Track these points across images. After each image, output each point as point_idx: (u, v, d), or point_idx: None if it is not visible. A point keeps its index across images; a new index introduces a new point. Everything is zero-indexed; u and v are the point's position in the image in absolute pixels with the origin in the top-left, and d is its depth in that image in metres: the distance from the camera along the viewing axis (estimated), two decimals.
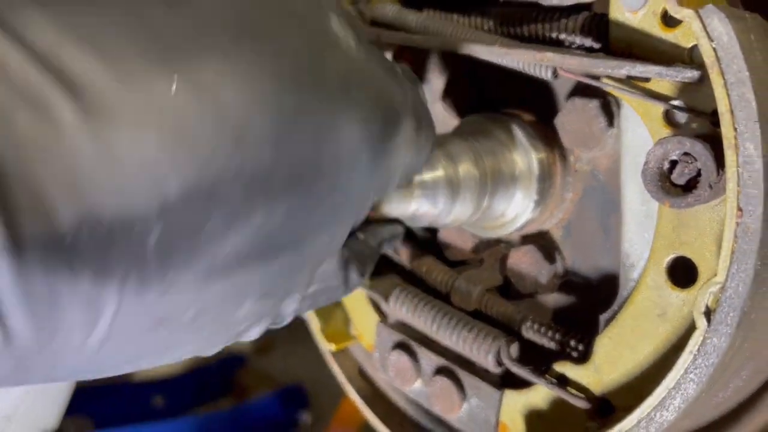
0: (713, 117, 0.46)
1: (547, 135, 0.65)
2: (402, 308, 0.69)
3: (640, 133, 0.52)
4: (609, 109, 0.58)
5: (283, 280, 0.45)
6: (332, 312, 0.80)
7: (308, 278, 0.48)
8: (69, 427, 1.49)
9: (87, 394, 1.45)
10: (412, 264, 0.75)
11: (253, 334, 0.47)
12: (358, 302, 0.76)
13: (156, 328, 0.38)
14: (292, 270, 0.45)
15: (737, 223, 0.43)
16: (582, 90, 0.61)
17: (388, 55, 0.75)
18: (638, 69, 0.49)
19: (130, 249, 0.33)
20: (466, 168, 0.60)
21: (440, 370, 0.66)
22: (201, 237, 0.36)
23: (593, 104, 0.58)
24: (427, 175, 0.57)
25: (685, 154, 0.45)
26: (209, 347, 0.46)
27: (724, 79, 0.43)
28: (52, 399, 1.29)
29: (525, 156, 0.64)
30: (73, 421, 1.49)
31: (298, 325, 0.76)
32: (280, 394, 1.69)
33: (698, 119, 0.48)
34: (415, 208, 0.56)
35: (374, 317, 0.75)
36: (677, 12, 0.46)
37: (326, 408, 1.61)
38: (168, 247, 0.34)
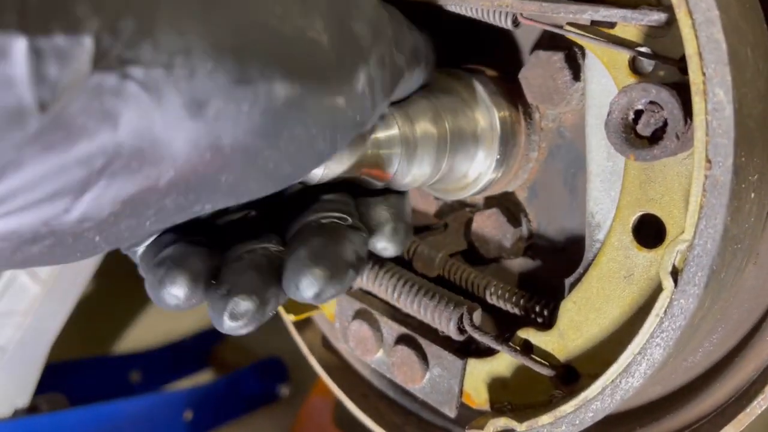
0: (681, 63, 0.43)
1: (511, 91, 0.62)
2: (363, 276, 0.66)
3: (605, 84, 0.49)
4: (575, 61, 0.55)
5: None
6: None
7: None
8: (43, 403, 1.46)
9: (61, 371, 1.43)
10: None
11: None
12: None
13: None
14: None
15: (706, 176, 0.40)
16: (546, 43, 0.58)
17: None
18: (602, 13, 0.45)
19: None
20: (423, 127, 0.56)
21: (402, 339, 0.63)
22: None
23: (558, 57, 0.55)
24: (382, 134, 0.53)
25: (651, 102, 0.42)
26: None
27: (692, 18, 0.39)
28: (22, 376, 1.25)
29: (487, 114, 0.60)
30: (48, 398, 1.46)
31: None
32: (258, 367, 1.67)
33: (666, 67, 0.45)
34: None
35: None
36: None
37: (305, 381, 1.59)
38: None
